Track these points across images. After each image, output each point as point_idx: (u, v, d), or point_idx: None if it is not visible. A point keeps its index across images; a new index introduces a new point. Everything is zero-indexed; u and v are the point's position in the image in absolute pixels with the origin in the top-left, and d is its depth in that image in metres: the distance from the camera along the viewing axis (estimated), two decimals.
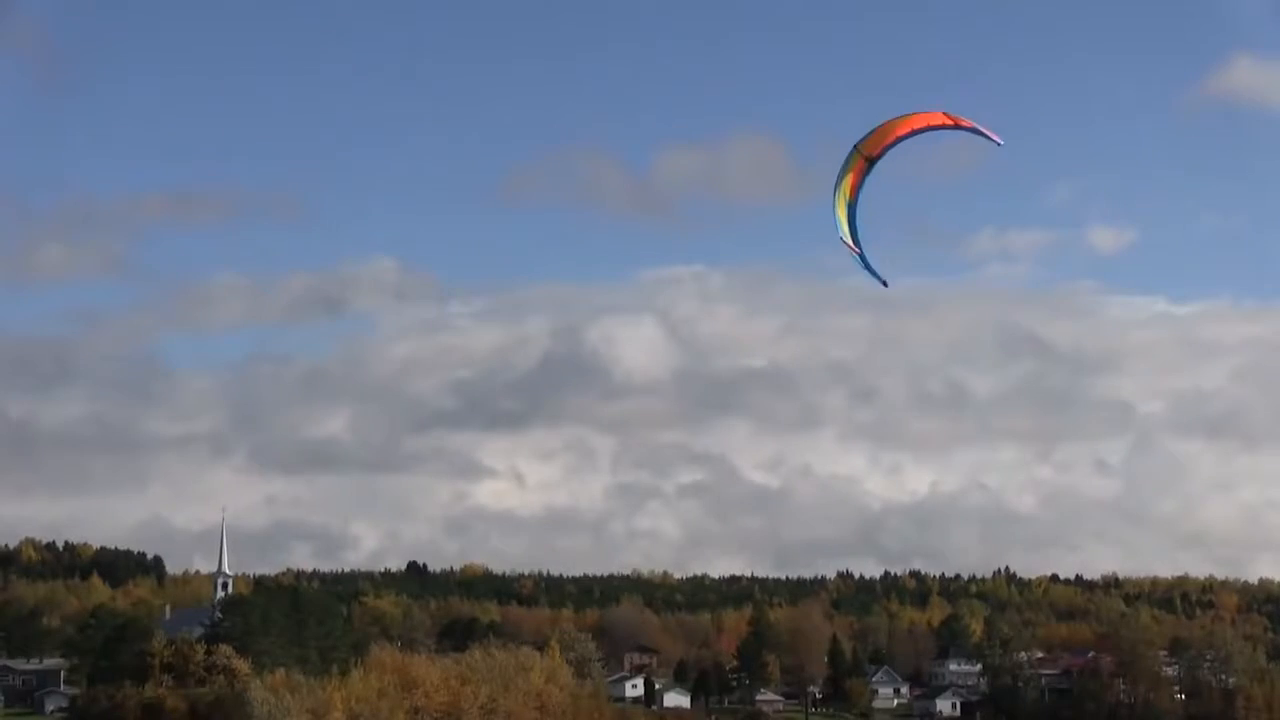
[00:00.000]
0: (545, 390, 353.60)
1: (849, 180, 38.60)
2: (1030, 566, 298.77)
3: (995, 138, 40.93)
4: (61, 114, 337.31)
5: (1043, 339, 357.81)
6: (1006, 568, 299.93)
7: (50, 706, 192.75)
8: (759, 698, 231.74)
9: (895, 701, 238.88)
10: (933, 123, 39.93)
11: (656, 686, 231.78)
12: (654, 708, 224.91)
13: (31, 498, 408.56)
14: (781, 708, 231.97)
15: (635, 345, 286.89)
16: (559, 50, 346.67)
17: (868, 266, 41.01)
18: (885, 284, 42.49)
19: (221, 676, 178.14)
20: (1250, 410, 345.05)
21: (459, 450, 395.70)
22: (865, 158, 38.62)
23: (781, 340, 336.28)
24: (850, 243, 40.23)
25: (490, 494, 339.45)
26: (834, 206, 39.19)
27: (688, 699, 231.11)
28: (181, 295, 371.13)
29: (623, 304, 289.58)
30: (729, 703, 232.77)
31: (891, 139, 39.51)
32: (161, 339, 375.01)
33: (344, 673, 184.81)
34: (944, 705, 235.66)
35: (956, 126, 40.63)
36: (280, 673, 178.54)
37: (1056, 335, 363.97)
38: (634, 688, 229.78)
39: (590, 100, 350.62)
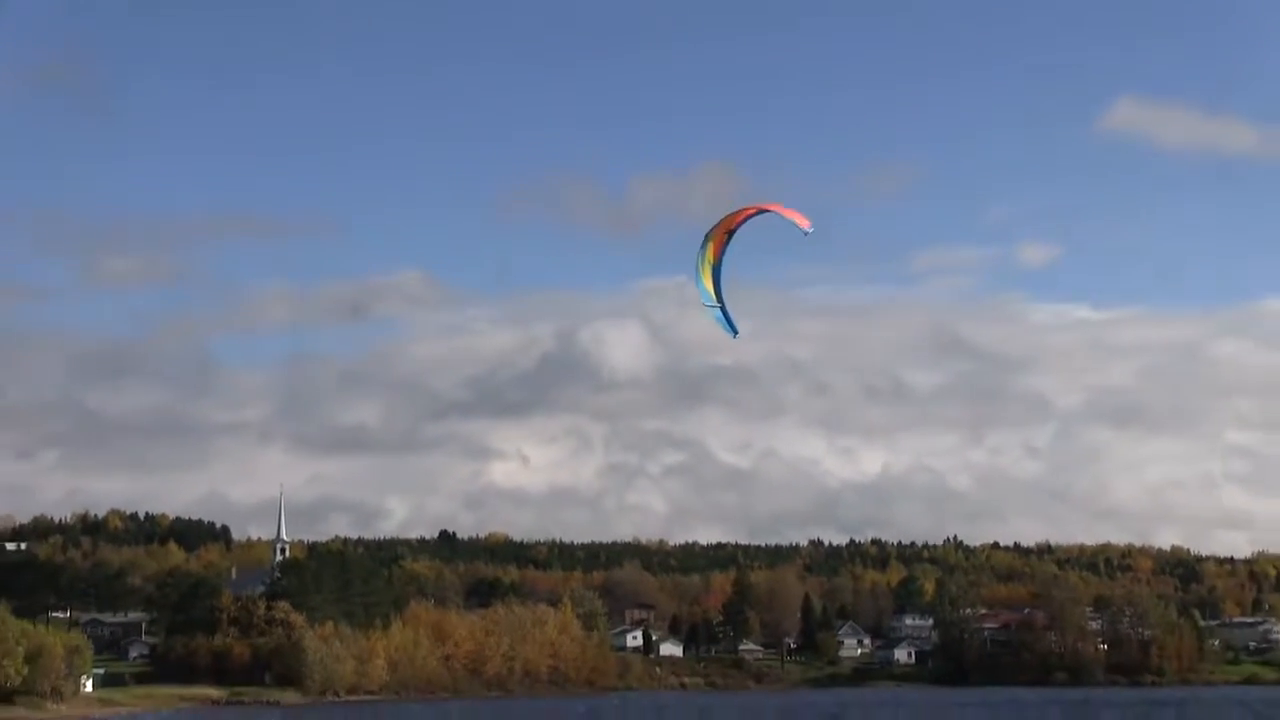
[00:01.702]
0: (546, 384, 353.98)
1: (711, 250, 38.98)
2: (973, 535, 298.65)
3: (804, 224, 39.94)
4: (127, 145, 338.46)
5: (976, 342, 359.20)
6: (955, 536, 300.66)
7: (134, 654, 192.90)
8: (741, 648, 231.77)
9: (859, 651, 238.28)
10: (749, 212, 40.05)
11: (654, 638, 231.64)
12: (651, 656, 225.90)
13: (114, 475, 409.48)
14: (761, 656, 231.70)
15: (623, 346, 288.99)
16: (545, 89, 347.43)
17: (725, 318, 40.74)
18: (735, 334, 42.03)
19: (280, 628, 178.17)
20: (1153, 403, 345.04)
21: (472, 436, 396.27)
22: (725, 231, 39.03)
23: (748, 342, 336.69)
24: (711, 304, 40.29)
25: (501, 473, 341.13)
26: (698, 275, 39.51)
27: (680, 649, 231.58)
28: (232, 302, 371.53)
29: (613, 310, 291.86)
30: (715, 652, 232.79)
31: (729, 227, 39.72)
32: (214, 340, 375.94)
33: (385, 626, 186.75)
34: (900, 655, 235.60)
35: (766, 211, 40.35)
36: (330, 625, 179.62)
37: (988, 339, 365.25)
38: (634, 639, 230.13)
39: (573, 132, 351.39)
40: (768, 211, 39.66)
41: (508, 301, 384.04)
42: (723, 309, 40.48)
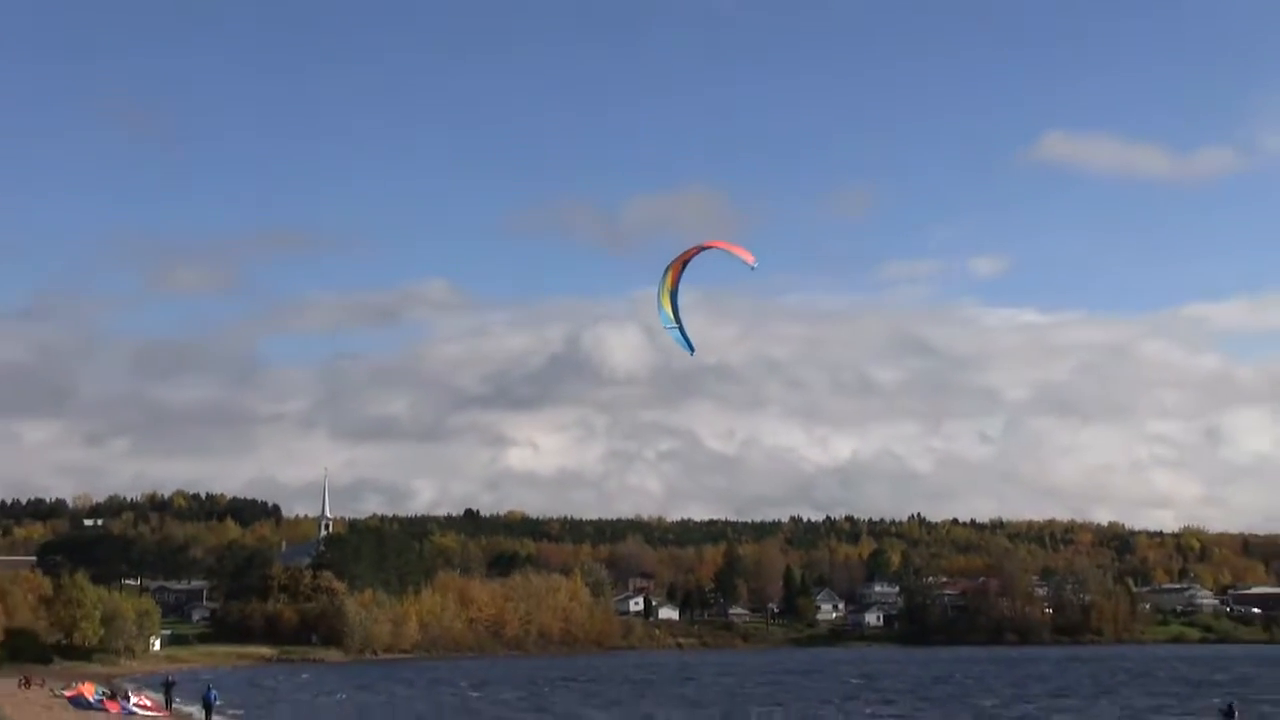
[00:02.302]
0: (555, 380, 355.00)
1: (669, 279, 39.13)
2: (934, 512, 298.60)
3: (749, 259, 39.37)
4: (186, 171, 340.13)
5: (934, 343, 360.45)
6: (918, 513, 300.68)
7: (196, 617, 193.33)
8: (731, 612, 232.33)
9: (834, 615, 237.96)
10: (704, 247, 39.73)
11: (653, 603, 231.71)
12: (651, 619, 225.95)
13: (176, 460, 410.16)
14: (748, 619, 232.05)
15: (622, 347, 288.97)
16: (550, 123, 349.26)
17: (683, 337, 40.39)
18: (692, 351, 41.50)
19: (324, 595, 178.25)
20: (1089, 396, 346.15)
21: (490, 425, 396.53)
22: (682, 263, 39.20)
23: (734, 343, 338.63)
24: (670, 325, 40.05)
25: (516, 458, 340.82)
26: (659, 301, 39.43)
27: (677, 613, 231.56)
28: (278, 308, 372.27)
29: (612, 315, 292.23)
30: (708, 615, 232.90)
31: (685, 260, 39.64)
32: (263, 341, 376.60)
33: (416, 593, 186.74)
34: (871, 618, 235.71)
35: (713, 248, 40.06)
36: (368, 592, 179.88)
37: (944, 340, 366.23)
38: (636, 604, 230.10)
39: (574, 160, 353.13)
40: (719, 248, 39.93)
41: (521, 308, 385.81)
42: (680, 329, 40.46)
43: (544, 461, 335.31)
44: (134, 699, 70.20)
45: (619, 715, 66.92)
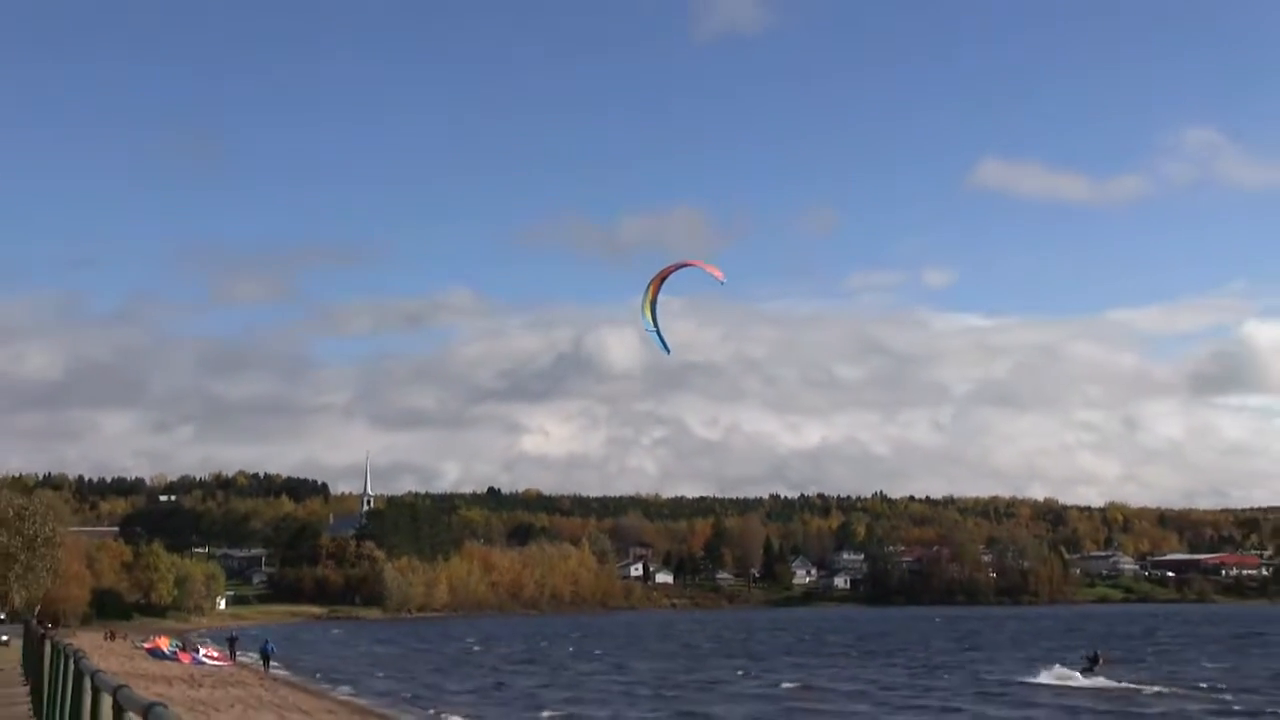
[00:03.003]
0: (562, 376, 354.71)
1: (651, 291, 39.01)
2: (893, 490, 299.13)
3: (719, 276, 38.74)
4: (243, 194, 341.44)
5: (891, 344, 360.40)
6: (881, 491, 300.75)
7: (255, 580, 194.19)
8: (718, 576, 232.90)
9: (807, 579, 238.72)
10: (680, 266, 39.19)
11: (651, 569, 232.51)
12: (649, 583, 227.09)
13: (236, 445, 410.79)
14: (732, 582, 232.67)
15: (620, 347, 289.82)
16: (557, 148, 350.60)
17: (660, 341, 39.74)
18: (669, 352, 40.87)
19: (366, 562, 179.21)
20: (1024, 390, 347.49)
21: (506, 415, 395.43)
22: (661, 279, 38.86)
23: (718, 343, 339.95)
24: (650, 329, 39.40)
25: (529, 443, 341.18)
26: (642, 310, 39.18)
27: (671, 577, 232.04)
28: (324, 314, 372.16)
29: (612, 319, 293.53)
30: (698, 579, 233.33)
31: (665, 275, 38.93)
32: (311, 342, 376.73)
33: (446, 560, 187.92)
34: (839, 581, 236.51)
35: (688, 265, 39.38)
36: (404, 559, 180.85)
37: (901, 341, 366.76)
38: (636, 570, 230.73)
39: (577, 182, 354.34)
40: (694, 266, 39.76)
41: (533, 312, 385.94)
42: (658, 334, 40.14)
43: (554, 446, 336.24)
44: (203, 651, 70.81)
45: (598, 665, 68.11)
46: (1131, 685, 52.06)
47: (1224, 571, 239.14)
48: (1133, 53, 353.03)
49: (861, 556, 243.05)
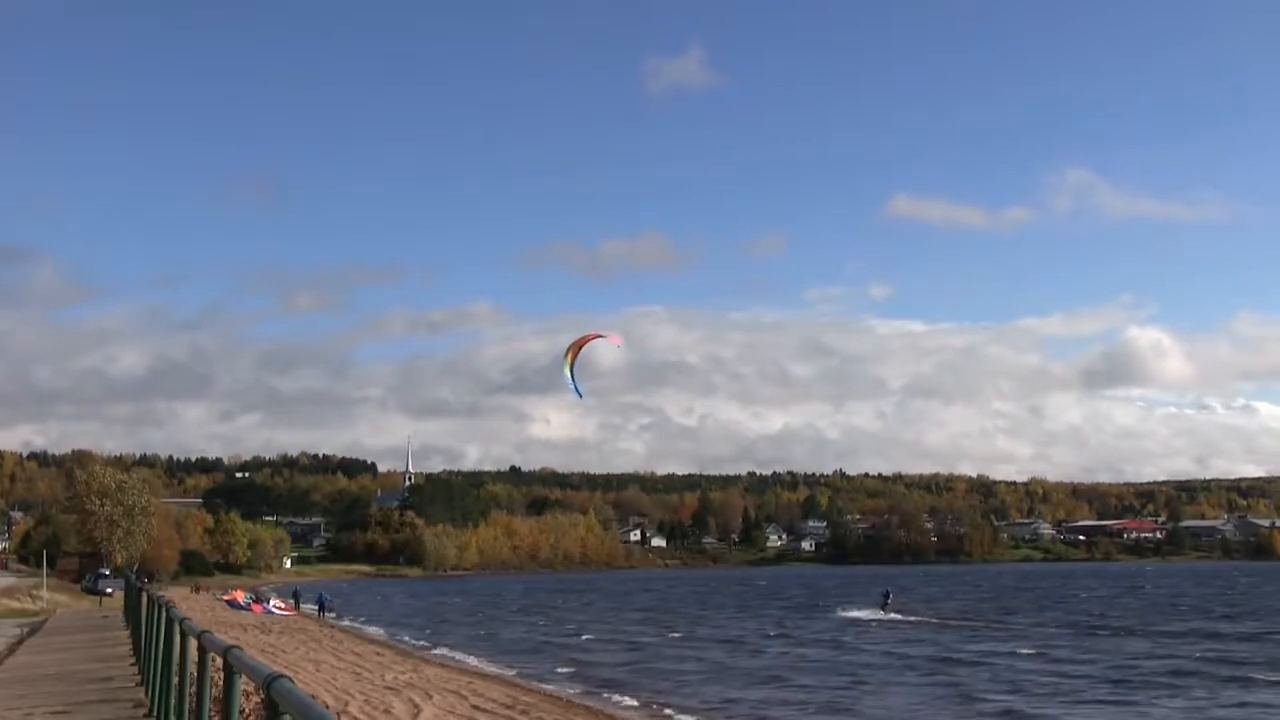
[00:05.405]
0: (560, 373, 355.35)
1: (570, 357, 40.15)
2: (849, 468, 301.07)
3: (617, 341, 39.41)
4: (298, 221, 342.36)
5: (840, 347, 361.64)
6: (841, 469, 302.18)
7: (315, 544, 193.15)
8: (704, 541, 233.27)
9: (779, 543, 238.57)
10: (591, 338, 40.00)
11: (647, 535, 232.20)
12: (645, 546, 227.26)
13: (295, 430, 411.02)
14: (716, 546, 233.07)
15: (608, 349, 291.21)
16: (552, 185, 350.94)
17: (575, 390, 40.68)
18: (580, 396, 41.03)
19: (408, 528, 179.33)
20: (950, 384, 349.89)
21: (516, 406, 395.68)
22: (578, 347, 39.89)
23: (693, 346, 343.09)
24: (568, 380, 40.43)
25: (536, 429, 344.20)
26: (563, 367, 40.08)
27: (664, 541, 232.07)
28: (368, 322, 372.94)
29: (607, 327, 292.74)
30: (687, 544, 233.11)
31: (581, 344, 40.18)
32: (357, 346, 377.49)
33: (475, 527, 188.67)
34: (805, 545, 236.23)
35: (599, 337, 40.21)
36: (440, 526, 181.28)
37: (848, 345, 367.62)
38: (634, 536, 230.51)
39: (569, 214, 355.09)
40: (601, 337, 41.14)
41: (539, 321, 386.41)
42: (575, 387, 41.27)
43: (555, 432, 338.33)
44: (273, 602, 71.85)
45: (588, 615, 67.97)
46: (898, 616, 59.40)
47: (1126, 535, 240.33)
48: (1018, 101, 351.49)
49: (824, 524, 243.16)
